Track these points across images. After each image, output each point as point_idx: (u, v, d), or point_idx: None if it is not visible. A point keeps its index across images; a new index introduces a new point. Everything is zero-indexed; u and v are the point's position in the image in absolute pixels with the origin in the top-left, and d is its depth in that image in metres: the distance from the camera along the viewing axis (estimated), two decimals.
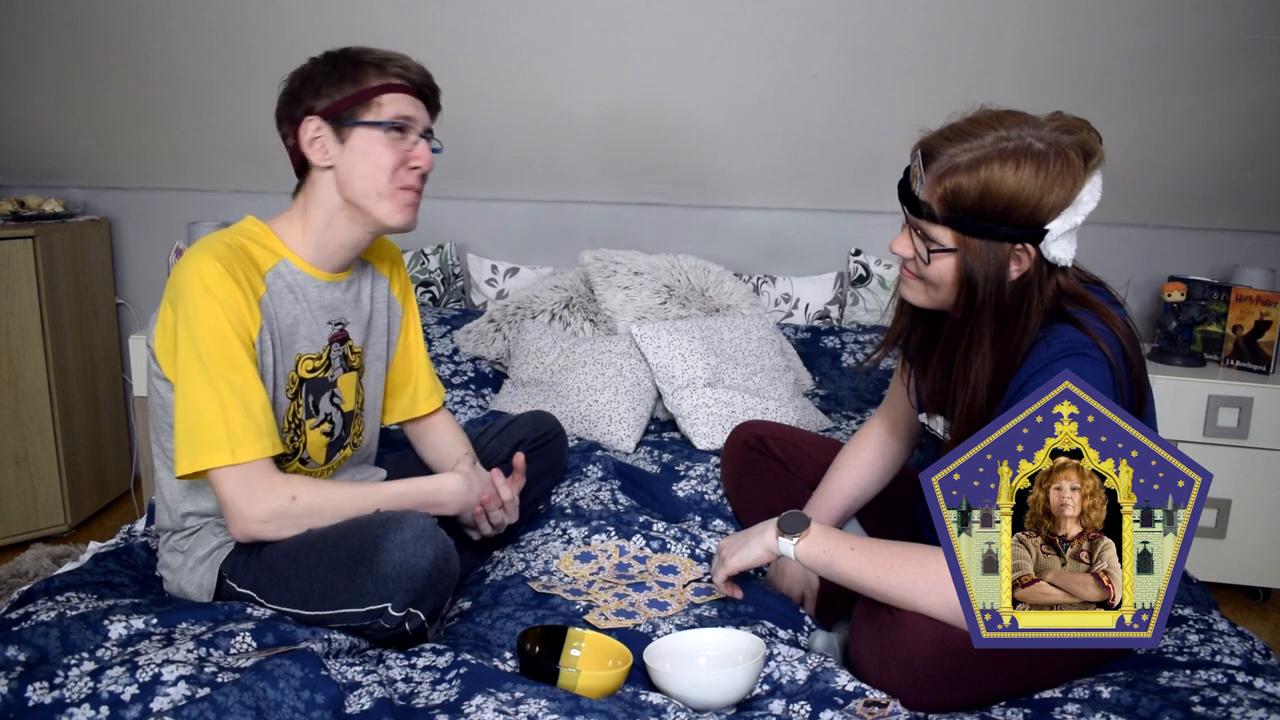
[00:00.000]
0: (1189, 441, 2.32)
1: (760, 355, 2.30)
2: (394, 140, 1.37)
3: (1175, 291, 2.49)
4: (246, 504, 1.29)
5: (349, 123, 1.35)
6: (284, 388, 1.41)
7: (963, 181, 1.17)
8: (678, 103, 2.48)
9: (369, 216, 1.40)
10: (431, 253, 2.75)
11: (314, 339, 1.44)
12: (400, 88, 1.38)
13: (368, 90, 1.35)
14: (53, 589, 1.38)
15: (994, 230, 1.19)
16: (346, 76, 1.36)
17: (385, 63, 1.38)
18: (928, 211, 1.22)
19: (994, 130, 1.18)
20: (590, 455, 2.00)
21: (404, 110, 1.37)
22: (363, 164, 1.36)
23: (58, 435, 2.59)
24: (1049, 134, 1.18)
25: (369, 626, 1.26)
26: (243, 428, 1.29)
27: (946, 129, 1.22)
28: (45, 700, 1.06)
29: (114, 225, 2.93)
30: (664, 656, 1.27)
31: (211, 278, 1.28)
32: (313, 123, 1.36)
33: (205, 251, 1.31)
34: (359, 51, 1.39)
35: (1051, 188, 1.16)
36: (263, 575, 1.33)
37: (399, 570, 1.21)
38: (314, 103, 1.36)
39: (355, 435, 1.55)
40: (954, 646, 1.21)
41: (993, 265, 1.21)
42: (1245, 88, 2.24)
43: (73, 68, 2.50)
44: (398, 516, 1.26)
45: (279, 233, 1.42)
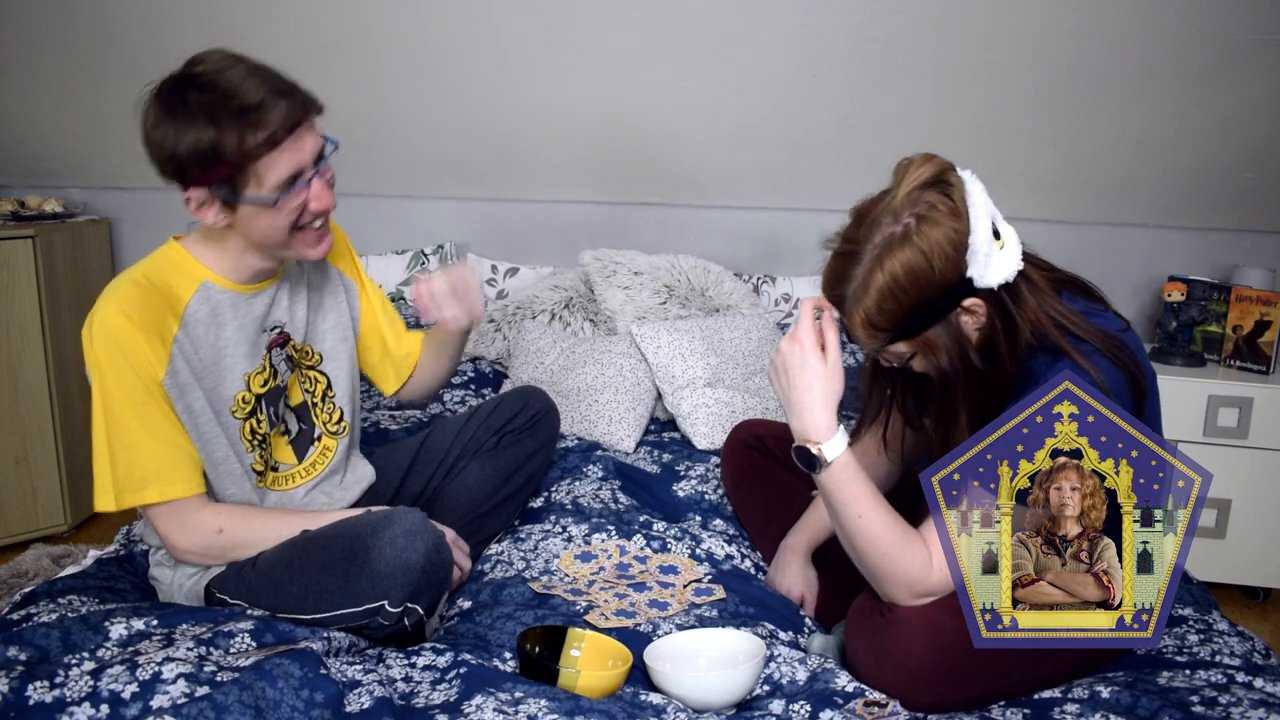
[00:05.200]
0: (1189, 441, 2.32)
1: (760, 355, 2.30)
2: (285, 199, 1.27)
3: (1175, 291, 2.49)
4: (178, 537, 1.34)
5: (230, 198, 1.25)
6: (228, 410, 1.38)
7: (868, 305, 1.18)
8: (678, 103, 2.48)
9: (279, 259, 1.38)
10: (431, 253, 2.75)
11: (253, 355, 1.40)
12: (272, 146, 1.23)
13: (238, 159, 1.22)
14: (55, 591, 1.38)
15: (928, 313, 1.18)
16: (204, 134, 1.20)
17: (245, 124, 1.20)
18: (871, 345, 1.23)
19: (858, 245, 1.18)
20: (590, 455, 2.00)
21: (284, 172, 1.25)
22: (256, 231, 1.30)
23: (58, 435, 2.58)
24: (903, 205, 1.16)
25: (367, 625, 1.27)
26: (169, 469, 1.30)
27: (829, 271, 1.22)
28: (46, 699, 1.06)
29: (114, 225, 2.93)
30: (664, 657, 1.27)
31: (119, 333, 1.26)
32: (194, 195, 1.26)
33: (113, 300, 1.28)
34: (208, 94, 1.20)
35: (937, 249, 1.14)
36: (257, 585, 1.33)
37: (392, 566, 1.22)
38: (183, 168, 1.23)
39: (328, 423, 1.53)
40: (947, 644, 1.21)
41: (950, 339, 1.20)
42: (1246, 88, 2.24)
43: (73, 68, 2.50)
44: (387, 514, 1.27)
45: (197, 255, 1.36)
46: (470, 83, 2.44)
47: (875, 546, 1.23)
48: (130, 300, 1.28)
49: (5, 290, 2.46)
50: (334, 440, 1.54)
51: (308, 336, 1.50)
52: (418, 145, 2.64)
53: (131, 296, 1.29)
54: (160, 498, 1.30)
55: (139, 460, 1.29)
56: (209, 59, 1.25)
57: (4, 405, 2.50)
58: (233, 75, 1.22)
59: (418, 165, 2.72)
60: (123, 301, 1.28)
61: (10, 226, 2.50)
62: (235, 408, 1.39)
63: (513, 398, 1.72)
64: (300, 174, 1.27)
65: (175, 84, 1.23)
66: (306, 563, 1.29)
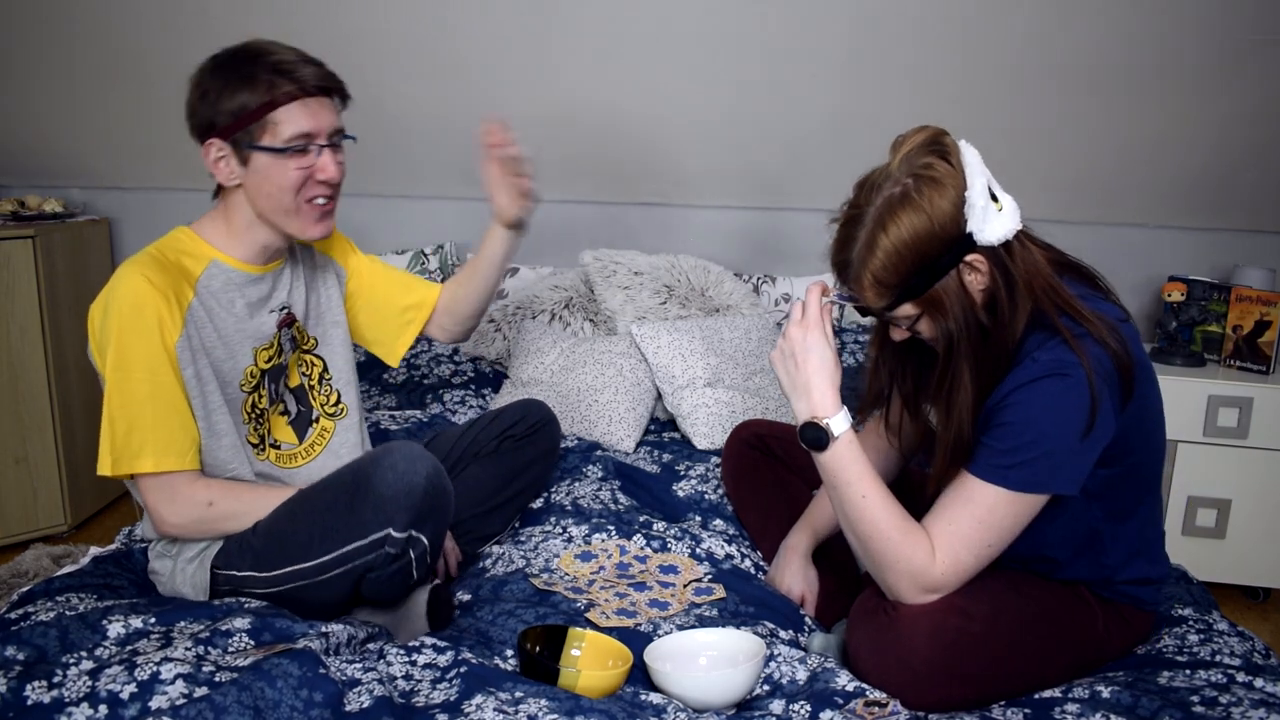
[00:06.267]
0: (1189, 441, 2.31)
1: (760, 355, 2.30)
2: (296, 158, 1.36)
3: (1175, 291, 2.49)
4: (166, 510, 1.36)
5: (247, 146, 1.35)
6: (237, 383, 1.43)
7: (874, 265, 1.20)
8: (678, 102, 2.48)
9: (282, 231, 1.43)
10: (431, 253, 2.75)
11: (263, 331, 1.46)
12: (295, 97, 1.35)
13: (262, 108, 1.33)
14: (52, 590, 1.38)
15: (931, 271, 1.20)
16: (240, 90, 1.33)
17: (278, 73, 1.34)
18: (878, 308, 1.25)
19: (863, 211, 1.21)
20: (590, 455, 2.00)
21: (302, 127, 1.35)
22: (266, 184, 1.38)
23: (58, 435, 2.58)
24: (900, 170, 1.20)
25: (374, 561, 1.29)
26: (167, 439, 1.33)
27: (835, 240, 1.26)
28: (44, 699, 1.06)
29: (114, 225, 2.93)
30: (664, 656, 1.27)
31: (139, 293, 1.31)
32: (214, 145, 1.36)
33: (133, 266, 1.34)
34: (252, 55, 1.35)
35: (935, 205, 1.18)
36: (261, 548, 1.35)
37: (395, 490, 1.25)
38: (214, 119, 1.35)
39: (325, 405, 1.58)
40: (950, 642, 1.21)
41: (955, 298, 1.21)
42: (1246, 88, 2.24)
43: (73, 68, 2.50)
44: (386, 446, 1.31)
45: (205, 236, 1.44)
46: (470, 83, 2.44)
47: (878, 530, 1.24)
48: (150, 268, 1.34)
49: (5, 290, 2.46)
50: (331, 422, 1.58)
51: (306, 321, 1.56)
52: (418, 145, 2.64)
53: (151, 266, 1.35)
54: (155, 468, 1.33)
55: (138, 428, 1.32)
56: (263, 40, 1.39)
57: (4, 405, 2.50)
58: (278, 45, 1.38)
59: (418, 165, 2.72)
60: (144, 268, 1.34)
61: (10, 226, 2.50)
62: (244, 381, 1.44)
63: (514, 408, 1.75)
64: (314, 137, 1.37)
65: (228, 51, 1.38)
66: (309, 508, 1.33)
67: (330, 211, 1.44)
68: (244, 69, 1.34)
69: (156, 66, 2.48)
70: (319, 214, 1.42)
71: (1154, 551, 1.39)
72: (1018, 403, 1.21)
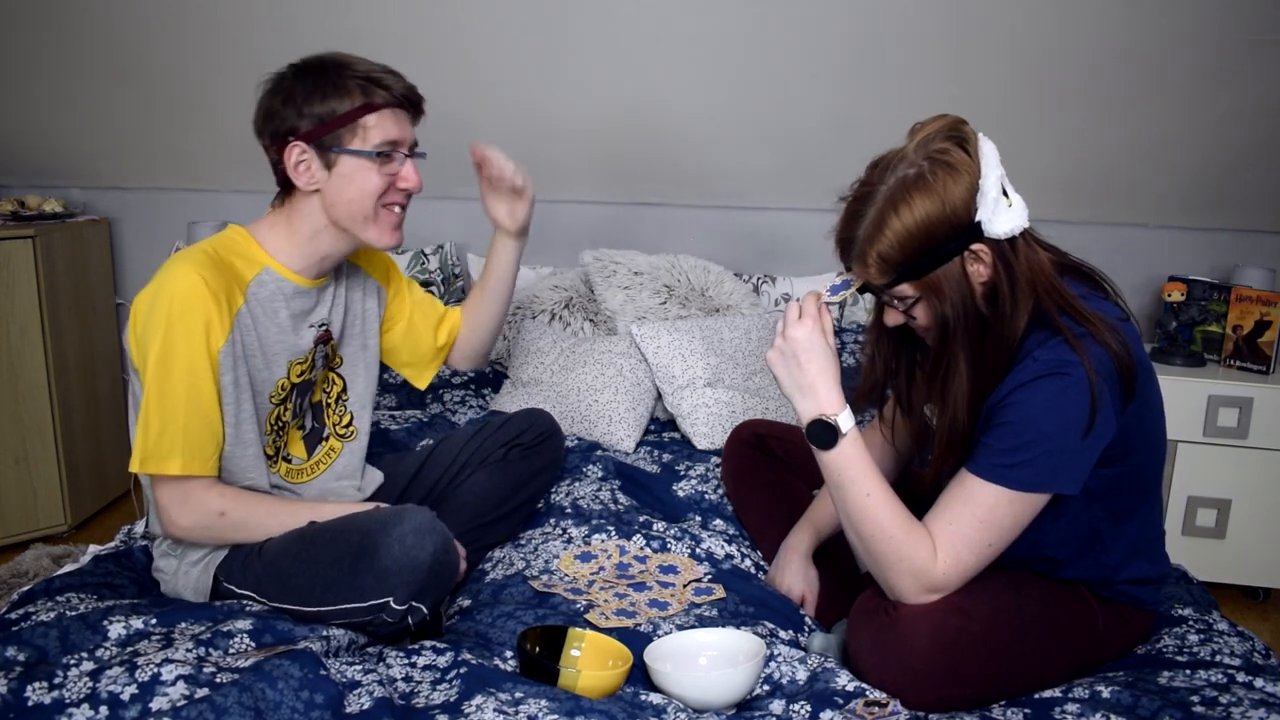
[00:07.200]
0: (1189, 441, 2.31)
1: (760, 355, 2.30)
2: (381, 164, 1.37)
3: (1175, 291, 2.49)
4: (177, 512, 1.34)
5: (335, 150, 1.34)
6: (267, 394, 1.42)
7: (881, 246, 1.21)
8: (678, 103, 2.48)
9: (355, 238, 1.42)
10: (431, 253, 2.75)
11: (300, 345, 1.45)
12: (385, 107, 1.36)
13: (353, 112, 1.33)
14: (53, 590, 1.38)
15: (936, 255, 1.21)
16: (330, 96, 1.33)
17: (369, 81, 1.35)
18: (878, 286, 1.26)
19: (874, 189, 1.22)
20: (590, 455, 2.00)
21: (390, 134, 1.36)
22: (349, 189, 1.37)
23: (58, 435, 2.58)
24: (916, 153, 1.21)
25: (371, 622, 1.27)
26: (197, 444, 1.31)
27: (843, 217, 1.27)
28: (45, 700, 1.06)
29: (114, 225, 2.93)
30: (664, 657, 1.27)
31: (192, 294, 1.29)
32: (297, 147, 1.34)
33: (188, 262, 1.31)
34: (341, 65, 1.35)
35: (949, 190, 1.18)
36: (264, 574, 1.34)
37: (400, 564, 1.22)
38: (297, 123, 1.34)
39: (337, 425, 1.56)
40: (951, 642, 1.21)
41: (955, 285, 1.22)
42: (1246, 88, 2.24)
43: (73, 68, 2.50)
44: (396, 511, 1.27)
45: (261, 240, 1.41)
46: (472, 83, 2.44)
47: (881, 529, 1.24)
48: (206, 267, 1.31)
49: (5, 290, 2.46)
50: (340, 443, 1.56)
51: (339, 340, 1.54)
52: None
53: (206, 265, 1.32)
54: (182, 471, 1.31)
55: (170, 430, 1.30)
56: (345, 53, 1.40)
57: (4, 405, 2.50)
58: (361, 58, 1.38)
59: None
60: (200, 267, 1.31)
61: (10, 226, 2.50)
62: (274, 393, 1.42)
63: (521, 416, 1.75)
64: (399, 145, 1.38)
65: (312, 59, 1.37)
66: (314, 555, 1.30)
67: (402, 223, 1.45)
68: (333, 76, 1.34)
69: (157, 66, 2.48)
70: (396, 222, 1.43)
71: (1154, 551, 1.39)
72: (1018, 402, 1.21)
